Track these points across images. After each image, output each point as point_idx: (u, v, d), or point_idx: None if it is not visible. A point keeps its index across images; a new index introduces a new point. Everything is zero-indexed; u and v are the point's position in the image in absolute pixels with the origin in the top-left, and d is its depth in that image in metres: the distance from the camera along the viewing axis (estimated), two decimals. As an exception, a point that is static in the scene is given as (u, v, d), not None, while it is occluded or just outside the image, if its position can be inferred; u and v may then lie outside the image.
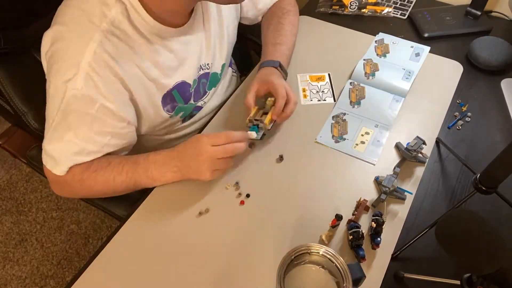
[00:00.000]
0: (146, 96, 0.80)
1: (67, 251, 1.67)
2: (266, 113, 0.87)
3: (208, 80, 0.95)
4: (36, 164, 0.94)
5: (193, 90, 0.90)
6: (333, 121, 0.94)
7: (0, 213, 1.78)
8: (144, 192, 0.84)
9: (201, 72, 0.90)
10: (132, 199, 0.86)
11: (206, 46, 0.89)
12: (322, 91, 1.01)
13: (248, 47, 1.29)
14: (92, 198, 0.94)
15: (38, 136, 0.94)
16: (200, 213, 0.80)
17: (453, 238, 0.56)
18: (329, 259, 0.61)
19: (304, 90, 1.01)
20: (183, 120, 0.96)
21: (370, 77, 1.01)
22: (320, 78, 1.04)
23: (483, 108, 0.97)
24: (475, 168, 0.80)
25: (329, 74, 1.04)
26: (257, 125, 0.85)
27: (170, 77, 0.83)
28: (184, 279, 0.72)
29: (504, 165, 0.65)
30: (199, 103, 0.96)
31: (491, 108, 0.97)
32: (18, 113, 0.89)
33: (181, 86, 0.86)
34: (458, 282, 0.61)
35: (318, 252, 0.61)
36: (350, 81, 0.99)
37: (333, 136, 0.91)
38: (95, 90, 0.70)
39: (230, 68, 1.09)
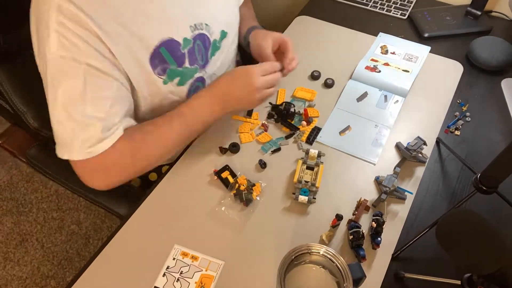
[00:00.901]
0: (130, 55, 0.73)
1: (68, 251, 1.67)
2: (310, 168, 0.84)
3: (206, 44, 0.88)
4: (36, 163, 0.94)
5: (186, 51, 0.83)
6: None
7: (0, 213, 1.78)
8: (146, 189, 0.84)
9: (196, 32, 0.84)
10: (134, 198, 0.86)
11: (197, 2, 0.84)
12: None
13: (247, 50, 1.28)
14: (94, 195, 0.93)
15: (37, 136, 0.95)
16: (201, 213, 0.80)
17: (453, 238, 0.56)
18: (330, 259, 0.61)
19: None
20: (188, 96, 0.88)
21: (378, 77, 1.01)
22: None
23: (483, 108, 0.97)
24: (475, 168, 0.80)
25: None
26: (307, 187, 0.80)
27: (155, 32, 0.76)
28: (184, 279, 0.72)
29: (504, 165, 0.65)
30: (201, 73, 0.89)
31: (491, 108, 0.97)
32: (17, 112, 0.90)
33: (170, 44, 0.79)
34: (458, 282, 0.61)
35: (319, 252, 0.61)
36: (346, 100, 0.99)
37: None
38: (73, 49, 0.65)
39: (236, 60, 1.08)
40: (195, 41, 0.84)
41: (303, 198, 0.78)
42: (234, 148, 0.89)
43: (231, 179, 0.83)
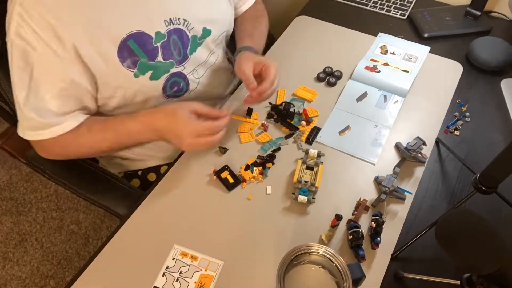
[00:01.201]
0: (95, 48, 0.74)
1: (67, 251, 1.67)
2: (309, 168, 0.83)
3: (183, 39, 0.87)
4: (36, 163, 0.94)
5: (159, 45, 0.82)
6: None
7: (0, 213, 1.78)
8: (145, 190, 0.84)
9: (171, 27, 0.83)
10: (133, 198, 0.86)
11: None
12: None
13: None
14: (94, 195, 0.94)
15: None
16: (201, 213, 0.80)
17: (453, 238, 0.56)
18: (329, 259, 0.61)
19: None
20: (165, 91, 0.88)
21: (378, 77, 1.01)
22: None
23: (483, 108, 0.97)
24: (475, 168, 0.80)
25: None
26: (307, 187, 0.80)
27: (123, 24, 0.76)
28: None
29: (504, 165, 0.65)
30: (179, 68, 0.88)
31: (491, 108, 0.97)
32: (16, 113, 0.89)
33: (139, 37, 0.78)
34: (458, 282, 0.61)
35: (318, 252, 0.61)
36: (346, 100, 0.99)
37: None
38: (27, 39, 0.69)
39: (230, 66, 1.09)
40: (170, 36, 0.84)
41: (302, 198, 0.78)
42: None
43: (230, 179, 0.83)
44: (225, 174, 0.84)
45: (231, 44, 1.08)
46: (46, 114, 0.76)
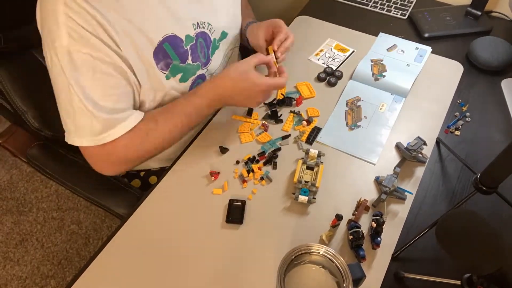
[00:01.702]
0: (135, 49, 0.75)
1: (68, 251, 1.67)
2: (310, 168, 0.83)
3: (207, 42, 0.90)
4: (36, 162, 0.94)
5: (188, 48, 0.85)
6: (347, 108, 0.96)
7: (0, 213, 1.78)
8: (145, 191, 0.84)
9: (198, 30, 0.86)
10: (133, 198, 0.86)
11: (203, 1, 0.86)
12: (333, 59, 1.08)
13: (248, 47, 1.29)
14: (94, 195, 0.94)
15: (37, 135, 0.95)
16: (200, 213, 0.80)
17: (453, 238, 0.56)
18: (330, 259, 0.61)
19: (321, 50, 1.11)
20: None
21: (379, 78, 1.01)
22: (343, 49, 1.11)
23: (483, 108, 0.97)
24: (475, 168, 0.80)
25: (353, 51, 1.10)
26: (307, 187, 0.80)
27: (159, 28, 0.79)
28: (184, 279, 0.72)
29: (504, 165, 0.65)
30: (203, 71, 0.92)
31: (491, 108, 0.97)
32: (18, 112, 0.90)
33: (173, 40, 0.81)
34: (458, 282, 0.61)
35: (319, 252, 0.61)
36: (347, 100, 0.98)
37: (347, 124, 0.93)
38: (80, 40, 0.68)
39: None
40: (197, 39, 0.86)
41: (303, 198, 0.78)
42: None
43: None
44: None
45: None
46: (114, 111, 0.75)
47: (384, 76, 1.01)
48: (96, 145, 0.75)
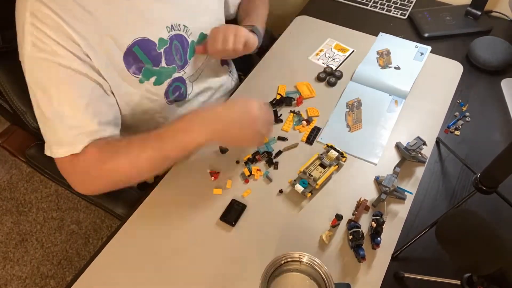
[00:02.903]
0: (104, 54, 0.73)
1: (67, 251, 1.67)
2: (322, 166, 0.83)
3: (184, 45, 0.88)
4: (35, 162, 0.94)
5: (162, 50, 0.83)
6: (347, 109, 0.96)
7: (0, 213, 1.78)
8: (143, 191, 0.84)
9: (173, 32, 0.84)
10: (132, 199, 0.86)
11: (174, 3, 0.84)
12: (333, 59, 1.08)
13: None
14: (93, 198, 0.93)
15: (37, 135, 0.94)
16: (200, 212, 0.80)
17: (453, 238, 0.56)
18: (312, 266, 0.61)
19: (321, 50, 1.11)
20: (167, 96, 0.88)
21: (375, 75, 1.01)
22: (342, 49, 1.11)
23: (483, 108, 0.97)
24: (475, 168, 0.80)
25: (352, 51, 1.10)
26: (308, 180, 0.80)
27: (128, 31, 0.76)
28: (183, 279, 0.72)
29: (504, 165, 0.65)
30: (180, 73, 0.89)
31: (491, 108, 0.97)
32: (16, 112, 0.89)
33: (144, 43, 0.79)
34: (458, 282, 0.61)
35: (300, 261, 0.62)
36: (347, 102, 0.98)
37: (347, 124, 0.93)
38: (46, 50, 0.67)
39: (226, 66, 1.08)
40: (172, 41, 0.85)
41: (299, 188, 0.79)
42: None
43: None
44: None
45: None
46: (83, 126, 0.71)
47: (384, 76, 1.01)
48: (63, 156, 0.71)
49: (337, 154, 0.84)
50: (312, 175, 0.81)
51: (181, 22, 0.86)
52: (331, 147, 0.86)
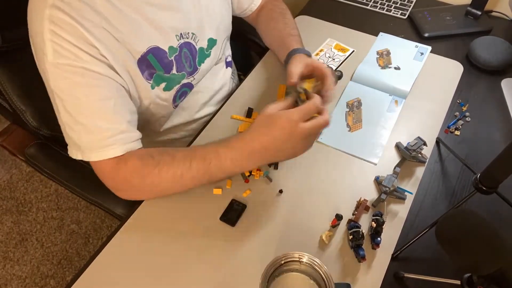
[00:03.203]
0: (119, 59, 0.74)
1: (67, 251, 1.67)
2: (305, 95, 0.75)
3: (192, 52, 0.90)
4: (35, 162, 0.94)
5: (173, 58, 0.85)
6: (348, 109, 0.96)
7: (0, 212, 1.78)
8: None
9: (182, 41, 0.86)
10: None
11: (183, 11, 0.85)
12: (333, 59, 1.08)
13: (249, 47, 1.29)
14: (93, 195, 0.93)
15: (36, 134, 0.94)
16: (200, 213, 0.80)
17: (453, 238, 0.56)
18: (312, 266, 0.61)
19: (321, 50, 1.10)
20: (174, 101, 0.91)
21: (375, 76, 1.01)
22: (342, 49, 1.10)
23: (484, 108, 0.97)
24: (475, 168, 0.80)
25: (352, 51, 1.10)
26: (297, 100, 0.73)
27: (142, 40, 0.78)
28: (183, 279, 0.72)
29: (505, 165, 0.65)
30: (189, 79, 0.91)
31: (491, 108, 0.97)
32: (16, 111, 0.90)
33: (156, 52, 0.81)
34: (458, 282, 0.61)
35: (300, 261, 0.61)
36: (347, 101, 0.98)
37: (347, 124, 0.93)
38: (68, 56, 0.67)
39: (229, 69, 1.09)
40: (182, 49, 0.86)
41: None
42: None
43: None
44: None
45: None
46: (115, 126, 0.73)
47: (384, 76, 1.01)
48: (103, 159, 0.73)
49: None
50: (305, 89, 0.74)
51: (189, 30, 0.87)
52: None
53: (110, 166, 0.74)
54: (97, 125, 0.71)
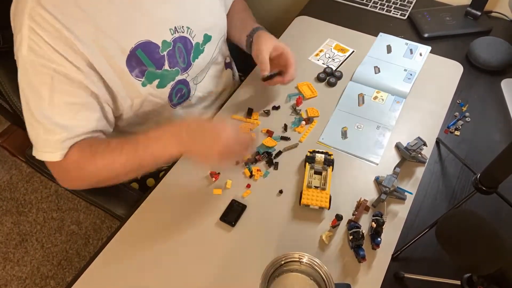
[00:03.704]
0: (105, 58, 0.73)
1: (68, 252, 1.67)
2: (318, 172, 0.83)
3: (188, 47, 0.87)
4: (35, 162, 0.94)
5: (165, 53, 0.82)
6: (348, 110, 0.96)
7: (0, 213, 1.78)
8: (144, 193, 0.84)
9: (176, 35, 0.83)
10: (132, 199, 0.86)
11: (178, 4, 0.84)
12: (333, 59, 1.08)
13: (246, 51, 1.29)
14: (93, 196, 0.93)
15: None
16: (200, 212, 0.80)
17: (453, 238, 0.55)
18: (312, 267, 0.61)
19: (321, 51, 1.11)
20: (171, 99, 0.89)
21: (374, 76, 1.01)
22: (342, 50, 1.11)
23: (483, 108, 0.97)
24: (475, 168, 0.80)
25: (352, 51, 1.10)
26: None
27: (131, 34, 0.76)
28: (183, 279, 0.72)
29: (504, 165, 0.65)
30: (183, 76, 0.89)
31: (491, 108, 0.97)
32: (16, 111, 0.89)
33: (147, 46, 0.78)
34: (458, 282, 0.61)
35: (300, 261, 0.61)
36: (347, 101, 0.98)
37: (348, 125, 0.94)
38: (42, 55, 0.67)
39: (229, 70, 1.09)
40: (175, 44, 0.84)
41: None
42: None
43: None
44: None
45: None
46: (72, 131, 0.73)
47: (384, 77, 1.01)
48: (47, 160, 0.74)
49: (323, 155, 0.84)
50: (317, 186, 0.80)
51: (184, 24, 0.85)
52: (314, 151, 0.85)
53: (52, 162, 0.75)
54: (54, 127, 0.71)
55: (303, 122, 0.93)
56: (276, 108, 0.96)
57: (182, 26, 0.84)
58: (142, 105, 0.84)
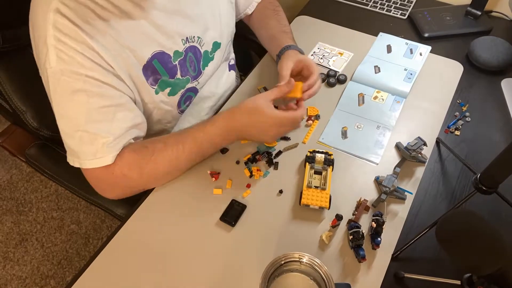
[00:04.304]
0: (124, 65, 0.75)
1: (68, 251, 1.67)
2: (317, 172, 0.83)
3: (197, 56, 0.90)
4: (35, 162, 0.94)
5: (177, 62, 0.85)
6: (348, 110, 0.96)
7: (0, 213, 1.78)
8: (144, 193, 0.84)
9: (188, 45, 0.86)
10: (132, 199, 0.86)
11: (189, 15, 0.85)
12: (333, 59, 1.08)
13: (248, 47, 1.29)
14: (93, 195, 0.93)
15: (36, 135, 0.95)
16: (200, 212, 0.80)
17: (453, 238, 0.56)
18: (312, 267, 0.61)
19: (321, 51, 1.11)
20: (179, 105, 0.91)
21: (375, 76, 1.01)
22: (341, 53, 1.10)
23: (483, 108, 0.97)
24: (475, 168, 0.80)
25: (351, 55, 1.09)
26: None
27: (147, 45, 0.78)
28: (183, 279, 0.72)
29: (505, 165, 0.65)
30: (193, 84, 0.92)
31: (491, 108, 0.97)
32: (16, 111, 0.90)
33: (161, 56, 0.81)
34: (458, 282, 0.61)
35: (299, 261, 0.61)
36: (347, 101, 0.98)
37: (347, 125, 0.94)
38: (71, 62, 0.67)
39: (233, 72, 1.09)
40: (187, 53, 0.86)
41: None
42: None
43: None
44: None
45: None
46: (114, 132, 0.74)
47: (384, 76, 1.01)
48: (96, 167, 0.74)
49: (323, 155, 0.84)
50: (317, 186, 0.80)
51: (195, 34, 0.87)
52: (314, 151, 0.85)
53: (102, 168, 0.74)
54: (95, 133, 0.72)
55: (310, 121, 0.93)
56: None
57: (193, 36, 0.87)
58: (153, 112, 0.87)
